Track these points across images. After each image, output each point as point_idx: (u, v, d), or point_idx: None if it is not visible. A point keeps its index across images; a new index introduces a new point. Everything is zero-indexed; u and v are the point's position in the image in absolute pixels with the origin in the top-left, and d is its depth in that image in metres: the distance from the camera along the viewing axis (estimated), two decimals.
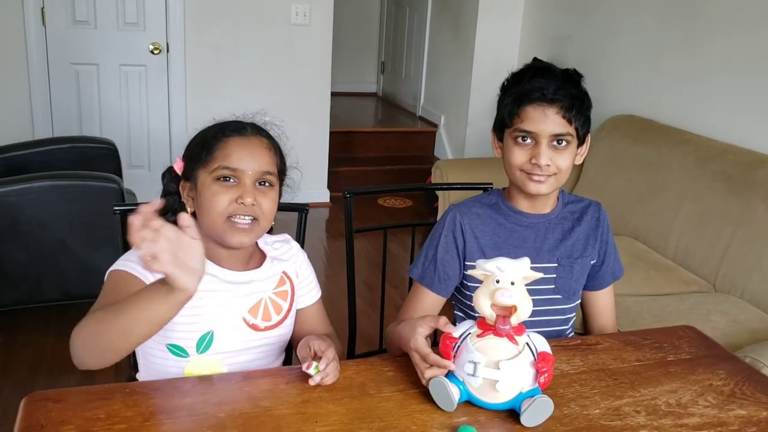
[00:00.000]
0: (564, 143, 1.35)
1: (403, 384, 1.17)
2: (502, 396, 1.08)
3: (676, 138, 2.99)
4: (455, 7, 4.95)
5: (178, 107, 4.17)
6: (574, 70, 1.38)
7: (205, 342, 1.25)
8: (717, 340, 1.45)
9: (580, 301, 1.52)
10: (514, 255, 1.12)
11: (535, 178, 1.35)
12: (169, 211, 1.35)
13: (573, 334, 1.53)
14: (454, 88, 4.95)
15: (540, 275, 1.10)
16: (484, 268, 1.08)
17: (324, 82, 4.41)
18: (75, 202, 2.66)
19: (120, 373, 1.62)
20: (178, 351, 1.24)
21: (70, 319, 1.07)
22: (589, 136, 1.43)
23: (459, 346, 1.12)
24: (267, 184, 1.27)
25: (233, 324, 1.28)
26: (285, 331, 1.36)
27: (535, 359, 1.10)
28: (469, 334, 1.11)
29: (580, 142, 1.39)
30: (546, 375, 1.09)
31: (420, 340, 1.13)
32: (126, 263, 1.20)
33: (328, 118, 4.52)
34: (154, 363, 1.27)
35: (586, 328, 1.58)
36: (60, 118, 4.02)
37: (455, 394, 1.08)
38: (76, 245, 2.69)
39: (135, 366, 1.40)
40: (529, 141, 1.35)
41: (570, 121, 1.33)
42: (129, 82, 4.10)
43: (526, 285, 1.09)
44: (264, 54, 4.22)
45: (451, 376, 1.11)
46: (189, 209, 1.30)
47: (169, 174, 1.36)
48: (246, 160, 1.24)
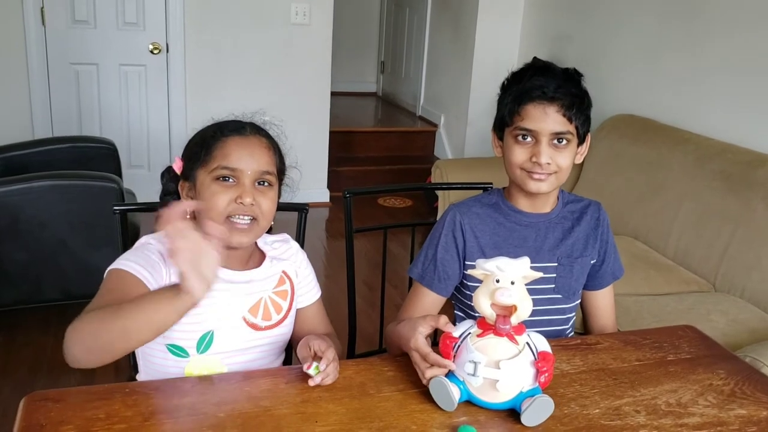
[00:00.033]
0: (564, 142, 1.35)
1: (403, 384, 1.17)
2: (502, 396, 1.08)
3: (675, 137, 2.99)
4: (455, 7, 4.95)
5: (178, 107, 4.17)
6: (574, 69, 1.38)
7: (205, 342, 1.25)
8: (717, 340, 1.45)
9: (580, 300, 1.52)
10: (514, 254, 1.12)
11: (536, 176, 1.35)
12: None
13: (573, 333, 1.53)
14: (454, 88, 4.95)
15: (540, 275, 1.10)
16: (484, 268, 1.08)
17: (324, 81, 4.41)
18: (75, 202, 2.66)
19: (120, 373, 1.62)
20: (178, 351, 1.24)
21: (70, 319, 1.06)
22: (590, 135, 1.43)
23: (459, 345, 1.12)
24: (266, 184, 1.27)
25: (233, 324, 1.28)
26: (285, 330, 1.36)
27: (535, 359, 1.10)
28: (469, 333, 1.11)
29: (581, 141, 1.39)
30: (546, 374, 1.09)
31: (420, 340, 1.13)
32: (126, 262, 1.18)
33: (328, 117, 4.52)
34: (154, 363, 1.27)
35: (585, 327, 1.58)
36: (60, 118, 4.03)
37: (455, 393, 1.08)
38: (76, 245, 2.69)
39: (135, 367, 1.40)
40: (529, 139, 1.35)
41: (570, 120, 1.33)
42: (129, 82, 4.10)
43: (526, 284, 1.09)
44: (264, 54, 4.22)
45: (451, 376, 1.10)
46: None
47: (168, 174, 1.35)
48: (245, 159, 1.24)
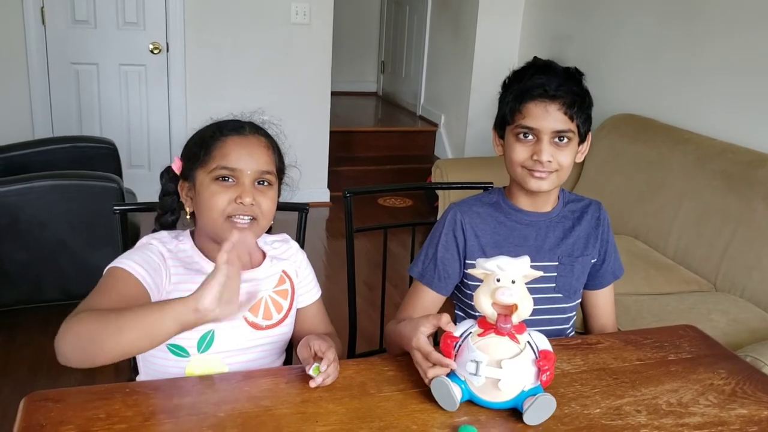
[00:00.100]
0: (565, 140, 1.34)
1: (404, 383, 1.17)
2: (504, 395, 1.08)
3: (676, 137, 2.99)
4: (455, 7, 4.94)
5: (178, 107, 4.17)
6: (576, 68, 1.38)
7: (206, 341, 1.25)
8: (717, 340, 1.45)
9: (580, 300, 1.52)
10: (515, 253, 1.12)
11: (537, 174, 1.35)
12: (168, 211, 1.35)
13: (573, 333, 1.53)
14: (454, 88, 4.95)
15: (540, 273, 1.10)
16: (485, 267, 1.08)
17: (324, 81, 4.41)
18: (75, 202, 2.66)
19: (120, 374, 1.62)
20: (178, 351, 1.24)
21: None
22: (590, 134, 1.43)
23: (460, 345, 1.11)
24: (266, 184, 1.27)
25: (234, 323, 1.27)
26: (285, 330, 1.36)
27: (536, 357, 1.10)
28: (470, 333, 1.11)
29: (582, 139, 1.39)
30: (548, 373, 1.09)
31: (422, 339, 1.13)
32: (126, 261, 1.18)
33: (328, 117, 4.52)
34: (155, 364, 1.27)
35: (586, 327, 1.58)
36: (60, 117, 4.03)
37: (457, 393, 1.08)
38: (76, 245, 2.69)
39: (135, 368, 1.39)
40: (530, 137, 1.35)
41: (571, 118, 1.33)
42: (129, 82, 4.10)
43: (527, 284, 1.09)
44: (264, 53, 4.22)
45: (453, 376, 1.10)
46: (188, 209, 1.30)
47: (167, 174, 1.35)
48: (244, 159, 1.24)
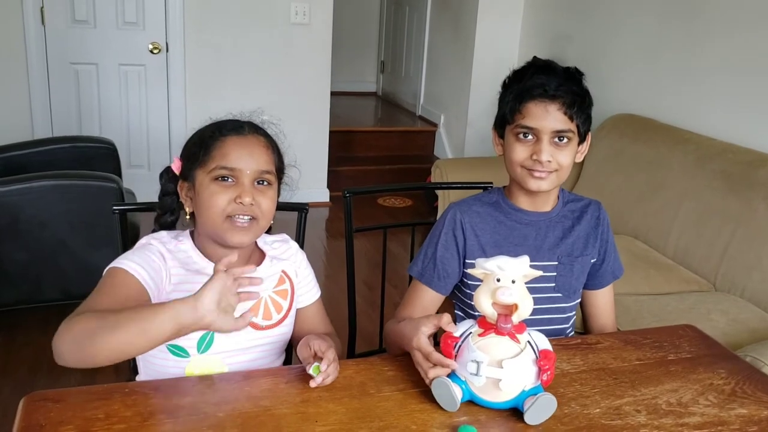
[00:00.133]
0: (565, 140, 1.34)
1: (403, 383, 1.17)
2: (505, 395, 1.08)
3: (676, 137, 2.99)
4: (455, 7, 4.94)
5: (178, 107, 4.17)
6: (576, 68, 1.38)
7: (205, 342, 1.25)
8: (717, 339, 1.45)
9: (580, 300, 1.52)
10: (515, 253, 1.12)
11: (536, 174, 1.35)
12: (168, 212, 1.35)
13: (573, 333, 1.53)
14: (453, 88, 4.95)
15: (539, 273, 1.10)
16: (485, 267, 1.08)
17: (324, 81, 4.41)
18: (75, 202, 2.66)
19: (120, 374, 1.61)
20: (178, 351, 1.24)
21: None
22: (590, 134, 1.43)
23: (460, 345, 1.11)
24: (265, 183, 1.27)
25: None
26: (285, 330, 1.36)
27: (537, 357, 1.10)
28: (470, 333, 1.11)
29: (581, 139, 1.39)
30: (548, 373, 1.09)
31: (423, 339, 1.13)
32: (126, 262, 1.18)
33: (327, 117, 4.51)
34: (154, 364, 1.26)
35: (585, 327, 1.58)
36: (59, 117, 4.02)
37: (458, 393, 1.08)
38: (76, 245, 2.69)
39: (134, 368, 1.39)
40: (530, 137, 1.35)
41: (571, 118, 1.33)
42: (128, 82, 4.10)
43: (527, 283, 1.09)
44: (264, 53, 4.22)
45: (453, 376, 1.10)
46: (187, 209, 1.30)
47: (167, 174, 1.35)
48: (244, 159, 1.24)
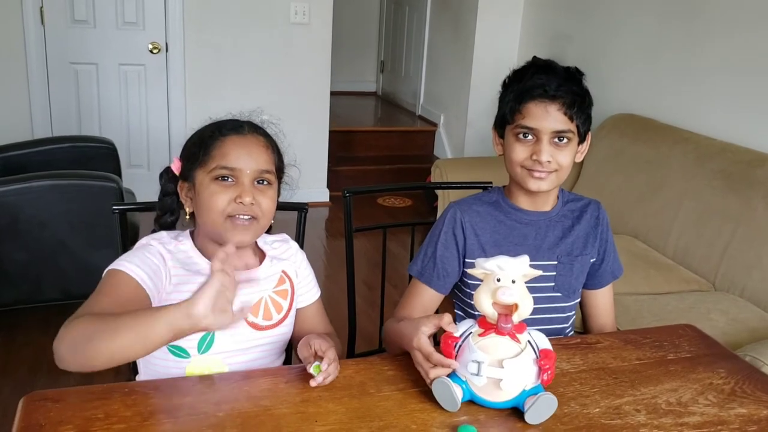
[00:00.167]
0: (565, 140, 1.34)
1: (403, 383, 1.17)
2: (505, 394, 1.08)
3: (675, 137, 2.99)
4: (455, 7, 4.94)
5: (178, 106, 4.17)
6: (576, 68, 1.38)
7: (206, 342, 1.25)
8: (717, 339, 1.45)
9: (579, 299, 1.52)
10: (515, 252, 1.12)
11: (536, 174, 1.35)
12: (168, 212, 1.35)
13: (573, 333, 1.53)
14: (453, 88, 4.95)
15: (539, 272, 1.10)
16: (485, 267, 1.08)
17: (323, 81, 4.41)
18: (74, 202, 2.66)
19: (120, 374, 1.61)
20: (179, 352, 1.24)
21: None
22: (590, 134, 1.43)
23: (460, 345, 1.11)
24: (265, 183, 1.27)
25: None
26: (285, 330, 1.36)
27: (537, 357, 1.10)
28: (471, 333, 1.11)
29: (581, 139, 1.39)
30: (549, 372, 1.09)
31: (423, 339, 1.12)
32: (125, 264, 1.18)
33: (327, 117, 4.52)
34: (155, 365, 1.26)
35: (585, 327, 1.58)
36: (59, 117, 4.02)
37: (459, 394, 1.08)
38: (75, 245, 2.69)
39: (134, 369, 1.39)
40: (530, 137, 1.35)
41: (571, 118, 1.33)
42: (128, 82, 4.10)
43: (526, 283, 1.09)
44: (264, 53, 4.22)
45: (453, 376, 1.10)
46: (187, 209, 1.30)
47: (166, 174, 1.35)
48: (244, 159, 1.24)
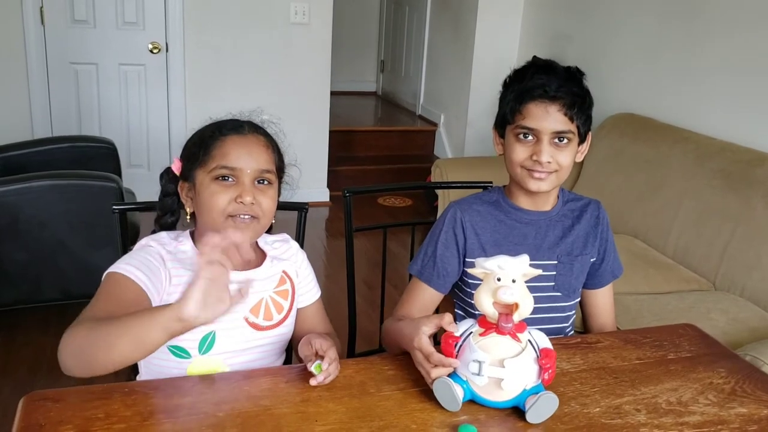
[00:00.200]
0: (565, 140, 1.34)
1: (403, 383, 1.17)
2: (506, 394, 1.08)
3: (675, 136, 2.99)
4: (455, 7, 4.94)
5: (178, 106, 4.17)
6: (576, 68, 1.38)
7: (207, 342, 1.24)
8: (717, 338, 1.45)
9: (579, 299, 1.52)
10: (515, 252, 1.12)
11: (536, 175, 1.35)
12: (168, 212, 1.35)
13: (573, 332, 1.53)
14: (453, 87, 4.95)
15: (539, 272, 1.10)
16: (485, 267, 1.08)
17: (323, 81, 4.41)
18: (74, 202, 2.65)
19: (120, 374, 1.61)
20: (180, 352, 1.24)
21: (70, 319, 1.06)
22: (590, 134, 1.43)
23: (461, 345, 1.11)
24: (266, 183, 1.27)
25: (235, 324, 1.27)
26: (286, 330, 1.36)
27: (538, 356, 1.10)
28: (471, 332, 1.11)
29: (582, 140, 1.39)
30: (550, 371, 1.09)
31: (424, 339, 1.12)
32: (124, 266, 1.18)
33: (327, 117, 4.51)
34: (156, 365, 1.26)
35: (585, 327, 1.58)
36: (59, 117, 4.02)
37: (460, 394, 1.08)
38: (75, 245, 2.68)
39: (135, 369, 1.39)
40: (530, 138, 1.35)
41: (572, 119, 1.33)
42: (128, 82, 4.10)
43: (527, 282, 1.09)
44: (263, 53, 4.22)
45: (454, 376, 1.10)
46: (188, 209, 1.30)
47: (167, 175, 1.35)
48: (244, 158, 1.24)
